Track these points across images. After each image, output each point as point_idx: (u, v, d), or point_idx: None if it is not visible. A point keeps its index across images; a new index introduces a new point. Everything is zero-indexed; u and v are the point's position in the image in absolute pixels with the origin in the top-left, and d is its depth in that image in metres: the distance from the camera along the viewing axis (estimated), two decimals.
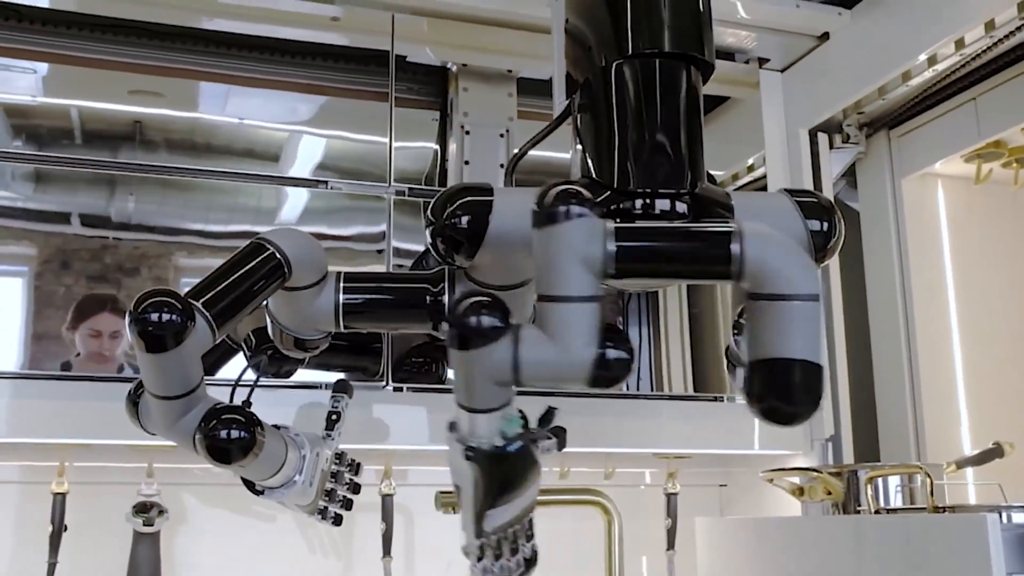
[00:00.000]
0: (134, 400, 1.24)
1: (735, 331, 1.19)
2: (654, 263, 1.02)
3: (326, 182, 1.92)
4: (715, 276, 1.05)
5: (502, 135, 2.09)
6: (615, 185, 1.12)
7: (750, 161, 2.28)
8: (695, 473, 2.22)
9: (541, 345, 0.97)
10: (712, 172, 2.31)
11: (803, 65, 2.14)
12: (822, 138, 2.16)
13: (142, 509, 1.76)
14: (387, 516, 1.87)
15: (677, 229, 1.07)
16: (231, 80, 2.06)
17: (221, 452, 1.16)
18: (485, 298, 0.98)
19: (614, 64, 1.14)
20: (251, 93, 2.07)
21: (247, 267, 1.20)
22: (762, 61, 2.19)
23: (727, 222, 1.07)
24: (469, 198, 1.11)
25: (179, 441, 1.20)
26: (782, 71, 2.19)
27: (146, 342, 1.08)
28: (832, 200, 1.19)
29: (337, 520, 1.47)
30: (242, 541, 1.95)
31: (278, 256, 1.22)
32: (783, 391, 0.96)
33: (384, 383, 1.78)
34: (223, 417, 1.16)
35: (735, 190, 1.23)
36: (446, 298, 1.24)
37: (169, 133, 1.98)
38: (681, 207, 1.11)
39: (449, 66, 2.12)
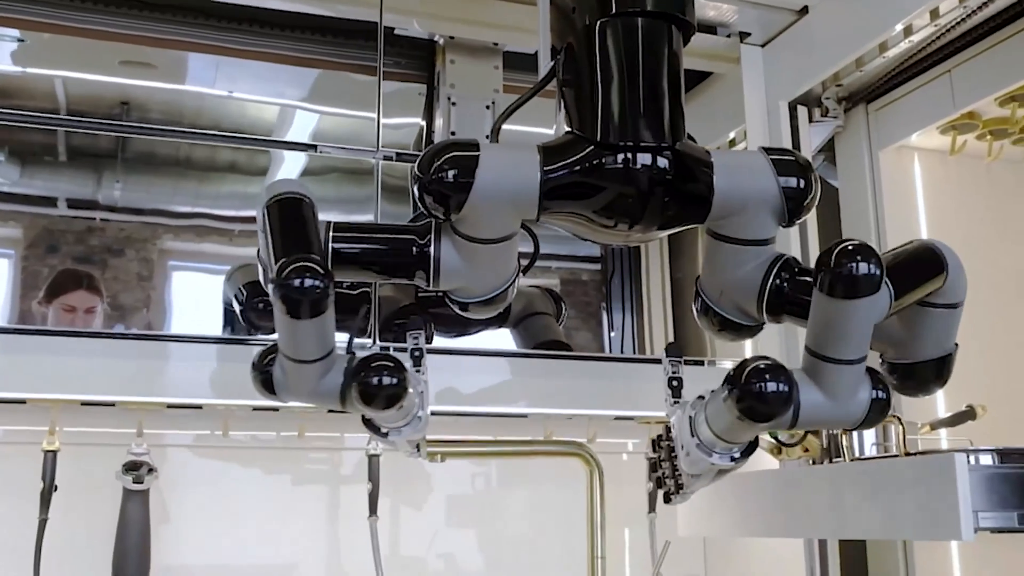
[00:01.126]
0: (264, 371, 1.22)
1: None
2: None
3: (315, 146, 1.95)
4: None
5: (488, 107, 2.13)
6: (598, 139, 1.16)
7: (732, 135, 2.33)
8: None
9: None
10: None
11: (783, 39, 2.17)
12: (801, 111, 2.20)
13: (132, 467, 1.78)
14: (373, 476, 1.89)
15: None
16: (222, 52, 2.09)
17: (383, 398, 1.15)
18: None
19: (598, 23, 1.18)
20: (241, 65, 2.10)
21: (310, 220, 1.22)
22: (743, 35, 2.22)
23: None
24: (456, 152, 1.13)
25: (322, 402, 1.21)
26: (763, 45, 2.23)
27: (299, 308, 1.08)
28: (809, 160, 1.23)
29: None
30: (230, 501, 1.98)
31: (308, 199, 1.23)
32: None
33: (371, 343, 1.81)
34: (374, 365, 1.16)
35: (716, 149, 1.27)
36: (432, 250, 1.25)
37: (159, 104, 2.01)
38: (662, 162, 1.15)
39: (436, 39, 2.15)
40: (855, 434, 1.68)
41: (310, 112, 2.13)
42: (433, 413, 1.88)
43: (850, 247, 1.06)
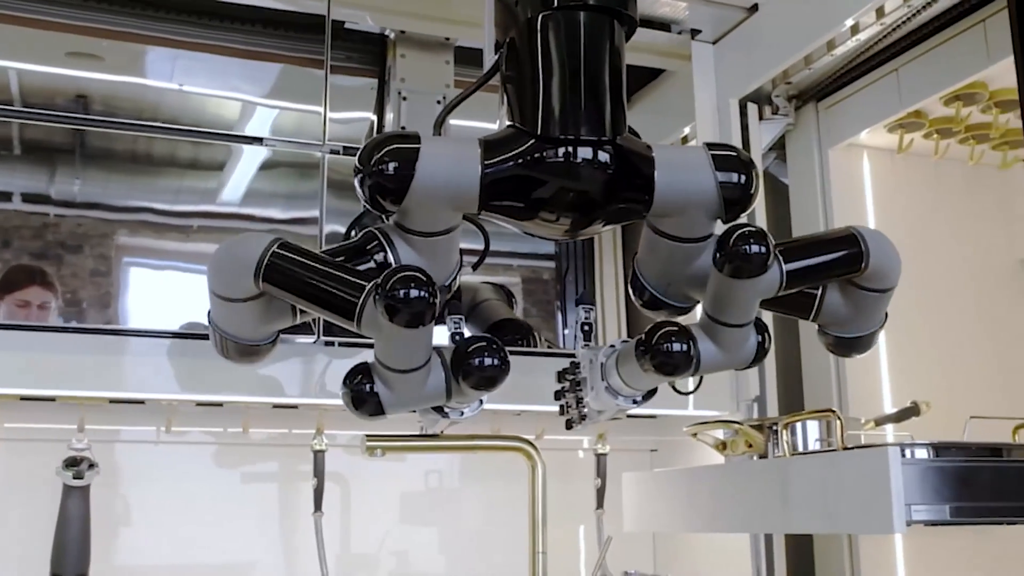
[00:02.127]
0: (366, 392, 1.19)
1: None
2: None
3: (261, 139, 1.94)
4: None
5: (439, 102, 2.12)
6: (538, 133, 1.15)
7: (686, 130, 2.33)
8: (626, 440, 2.27)
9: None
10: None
11: (734, 36, 2.18)
12: (752, 109, 2.21)
13: (72, 463, 1.76)
14: (319, 472, 1.88)
15: None
16: (172, 44, 2.07)
17: (488, 379, 1.17)
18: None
19: (540, 16, 1.18)
20: (195, 58, 2.08)
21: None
22: (695, 33, 2.23)
23: None
24: (396, 145, 1.13)
25: (428, 402, 1.23)
26: (714, 43, 2.24)
27: (412, 318, 1.07)
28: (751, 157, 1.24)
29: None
30: (173, 497, 1.96)
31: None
32: None
33: (315, 337, 1.80)
34: (475, 347, 1.17)
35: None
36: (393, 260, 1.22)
37: (110, 97, 1.99)
38: (603, 156, 1.15)
39: (387, 33, 2.14)
40: (799, 429, 1.69)
41: (260, 106, 2.11)
42: None
43: (746, 232, 1.16)
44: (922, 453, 1.34)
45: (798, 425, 1.68)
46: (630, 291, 1.34)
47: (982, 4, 1.85)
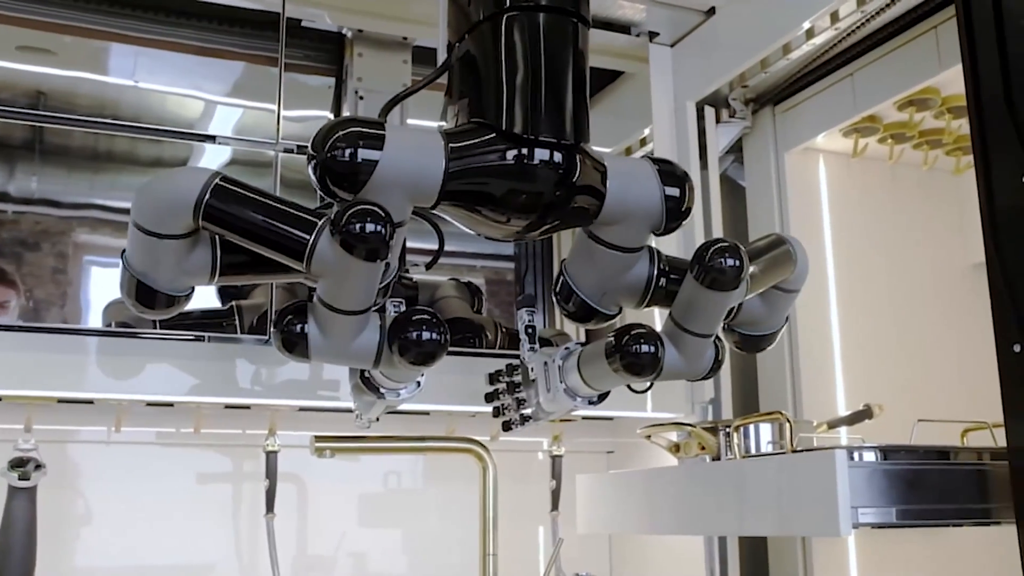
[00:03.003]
0: (288, 329, 1.20)
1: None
2: None
3: (214, 137, 1.92)
4: None
5: None
6: (502, 128, 1.16)
7: (646, 132, 2.34)
8: (583, 441, 2.27)
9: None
10: (605, 147, 2.37)
11: (691, 39, 2.19)
12: (709, 112, 2.21)
13: (18, 464, 1.73)
14: (271, 473, 1.87)
15: None
16: (129, 40, 2.05)
17: (422, 356, 1.17)
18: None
19: (504, 16, 1.18)
20: (149, 54, 2.06)
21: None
22: (652, 35, 2.23)
23: None
24: (361, 129, 1.10)
25: (354, 360, 1.23)
26: (671, 45, 2.24)
27: (365, 250, 1.07)
28: (687, 172, 1.28)
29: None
30: (124, 498, 1.94)
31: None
32: None
33: (267, 338, 1.78)
34: (415, 319, 1.18)
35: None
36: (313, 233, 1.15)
37: (67, 93, 1.96)
38: (558, 157, 1.16)
39: (345, 32, 2.13)
40: (752, 432, 1.69)
41: (218, 104, 2.09)
42: (333, 410, 1.87)
43: (724, 246, 1.23)
44: (869, 456, 1.35)
45: (750, 427, 1.69)
46: (556, 300, 1.36)
47: (934, 11, 1.86)
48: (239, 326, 1.85)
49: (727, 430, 1.73)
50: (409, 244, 1.86)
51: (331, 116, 2.13)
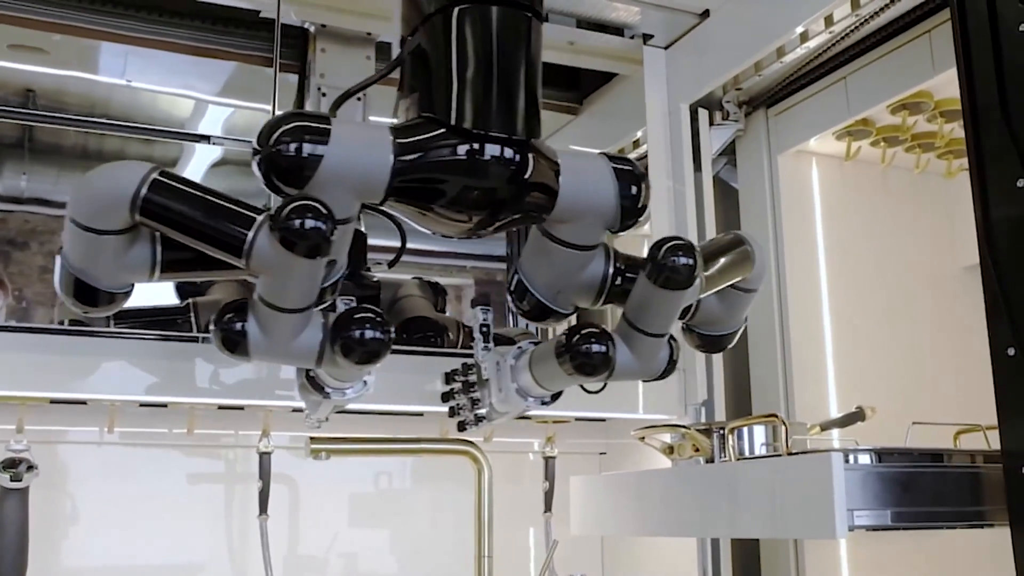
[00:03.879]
0: (228, 327, 1.17)
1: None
2: None
3: (208, 137, 1.91)
4: None
5: (359, 98, 2.07)
6: (452, 123, 1.14)
7: (637, 135, 2.34)
8: (576, 443, 2.27)
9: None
10: (598, 148, 2.37)
11: (685, 41, 2.19)
12: (702, 114, 2.22)
13: (10, 465, 1.73)
14: (264, 474, 1.86)
15: None
16: (121, 39, 2.04)
17: (365, 354, 1.15)
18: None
19: (457, 8, 1.16)
20: (141, 54, 2.06)
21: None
22: (647, 37, 2.23)
23: None
24: (306, 123, 1.07)
25: (296, 359, 1.20)
26: (665, 48, 2.24)
27: (304, 246, 1.05)
28: (645, 171, 1.26)
29: None
30: (115, 499, 1.93)
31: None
32: None
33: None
34: (358, 317, 1.15)
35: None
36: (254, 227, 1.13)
37: (58, 92, 1.95)
38: (509, 153, 1.14)
39: (307, 26, 2.09)
40: (745, 434, 1.70)
41: (212, 104, 2.09)
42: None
43: (676, 244, 1.22)
44: (865, 459, 1.35)
45: (744, 430, 1.70)
46: (510, 299, 1.34)
47: (927, 15, 1.87)
48: (195, 324, 1.82)
49: (721, 432, 1.73)
50: (377, 242, 1.86)
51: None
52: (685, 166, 2.15)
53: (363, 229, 1.89)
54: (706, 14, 2.13)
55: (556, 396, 1.37)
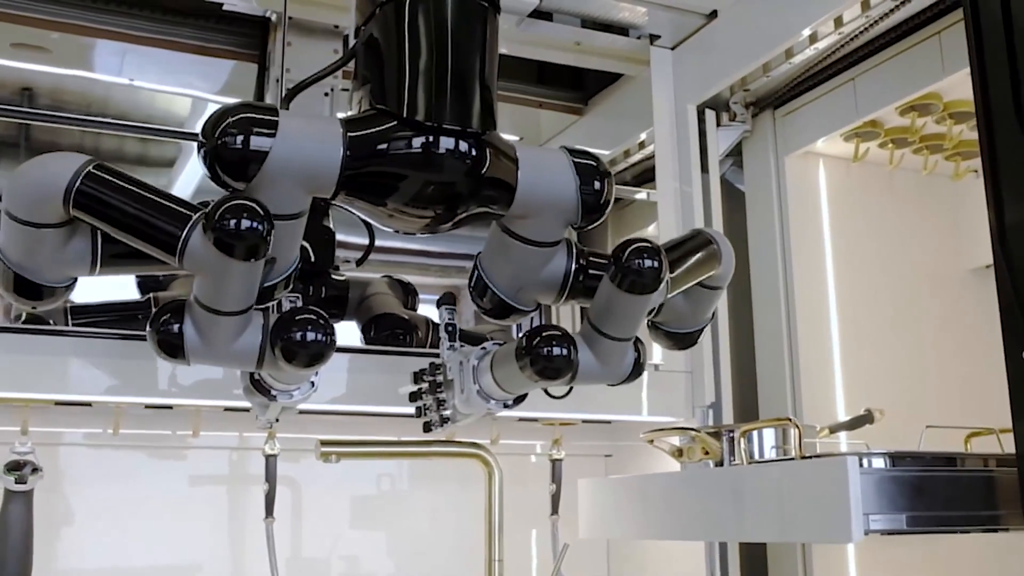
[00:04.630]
0: (173, 333, 1.13)
1: None
2: None
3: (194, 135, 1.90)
4: None
5: (327, 94, 2.03)
6: (403, 116, 1.11)
7: (642, 136, 2.33)
8: (581, 445, 2.26)
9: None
10: (605, 149, 2.36)
11: (692, 42, 2.19)
12: (709, 115, 2.21)
13: (14, 467, 1.71)
14: (270, 477, 1.85)
15: None
16: (120, 38, 2.03)
17: (306, 356, 1.11)
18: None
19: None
20: (143, 52, 2.05)
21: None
22: (653, 38, 2.22)
23: None
24: (252, 115, 1.04)
25: (235, 362, 1.15)
26: (672, 48, 2.24)
27: (240, 249, 1.01)
28: (607, 167, 1.24)
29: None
30: (120, 502, 1.92)
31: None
32: None
33: None
34: (299, 319, 1.11)
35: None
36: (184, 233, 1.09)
37: (57, 91, 1.94)
38: (464, 146, 1.12)
39: (269, 15, 2.04)
40: (755, 437, 1.69)
41: (212, 103, 2.08)
42: (332, 412, 1.86)
43: (641, 247, 1.17)
44: (879, 463, 1.34)
45: (754, 433, 1.68)
46: (472, 296, 1.31)
47: (937, 16, 1.86)
48: None
49: (731, 435, 1.72)
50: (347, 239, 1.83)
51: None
52: (692, 167, 2.14)
53: (331, 226, 1.86)
54: (714, 15, 2.12)
55: (519, 399, 1.32)
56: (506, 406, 1.31)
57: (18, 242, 1.10)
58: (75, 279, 1.17)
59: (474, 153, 1.13)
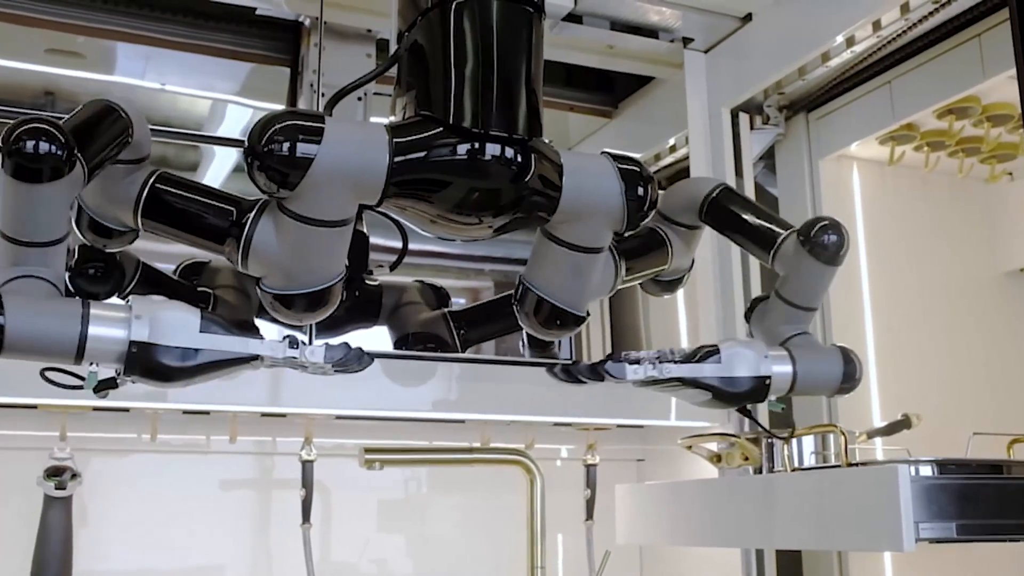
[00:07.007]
0: None
1: None
2: None
3: (243, 142, 1.90)
4: None
5: (360, 98, 2.02)
6: (450, 122, 1.12)
7: (672, 141, 2.32)
8: (613, 449, 2.25)
9: None
10: (635, 152, 2.35)
11: (726, 45, 2.17)
12: (743, 118, 2.20)
13: (54, 473, 1.71)
14: (307, 483, 1.84)
15: None
16: (146, 41, 2.03)
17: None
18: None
19: (455, 2, 1.14)
20: (172, 57, 2.04)
21: (103, 123, 1.09)
22: (687, 41, 2.21)
23: None
24: (298, 122, 1.05)
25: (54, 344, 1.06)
26: (706, 51, 2.22)
27: (24, 168, 0.96)
28: (652, 172, 1.24)
29: None
30: (157, 508, 1.91)
31: (124, 117, 1.12)
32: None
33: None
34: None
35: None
36: (248, 222, 1.13)
37: (85, 94, 1.94)
38: (510, 152, 1.12)
39: (303, 20, 2.05)
40: (795, 443, 1.68)
41: (240, 107, 2.08)
42: (367, 418, 1.85)
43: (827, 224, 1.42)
44: (927, 470, 1.33)
45: (794, 439, 1.67)
46: (520, 317, 1.32)
47: (978, 19, 1.84)
48: None
49: (769, 441, 1.71)
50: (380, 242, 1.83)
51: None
52: (727, 170, 2.13)
53: (365, 230, 1.86)
54: (748, 18, 2.11)
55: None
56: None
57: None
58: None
59: (520, 160, 1.12)
